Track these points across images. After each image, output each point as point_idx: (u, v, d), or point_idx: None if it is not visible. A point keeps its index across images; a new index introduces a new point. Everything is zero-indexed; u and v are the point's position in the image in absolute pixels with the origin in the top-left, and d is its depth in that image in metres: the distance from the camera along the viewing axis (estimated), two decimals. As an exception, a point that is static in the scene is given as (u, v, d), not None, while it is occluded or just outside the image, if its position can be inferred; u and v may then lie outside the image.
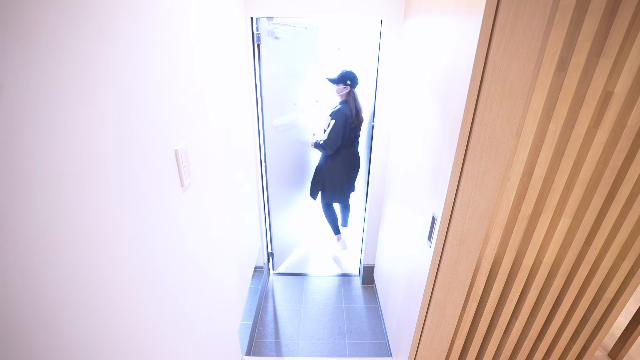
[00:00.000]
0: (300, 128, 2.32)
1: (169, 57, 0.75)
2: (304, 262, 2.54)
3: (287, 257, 2.57)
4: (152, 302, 0.68)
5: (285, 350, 1.81)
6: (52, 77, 0.41)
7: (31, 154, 0.39)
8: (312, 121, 2.48)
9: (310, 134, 2.50)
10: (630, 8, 0.77)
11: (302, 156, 2.46)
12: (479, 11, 0.76)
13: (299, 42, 2.08)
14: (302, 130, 2.37)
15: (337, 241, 2.68)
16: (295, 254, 2.63)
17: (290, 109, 2.12)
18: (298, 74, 2.17)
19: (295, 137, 2.28)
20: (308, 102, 2.34)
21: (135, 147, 0.61)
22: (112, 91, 0.54)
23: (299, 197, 2.57)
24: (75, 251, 0.46)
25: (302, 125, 2.35)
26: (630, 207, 1.01)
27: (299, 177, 2.48)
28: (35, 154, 0.39)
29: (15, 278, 0.37)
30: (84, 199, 0.47)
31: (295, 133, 2.26)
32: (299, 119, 2.27)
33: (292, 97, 2.12)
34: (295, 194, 2.48)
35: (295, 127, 2.25)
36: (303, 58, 2.18)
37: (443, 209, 0.99)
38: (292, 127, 2.19)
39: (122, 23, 0.57)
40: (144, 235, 0.65)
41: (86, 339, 0.49)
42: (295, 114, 2.19)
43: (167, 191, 0.75)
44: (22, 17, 0.37)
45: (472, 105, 0.83)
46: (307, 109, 2.35)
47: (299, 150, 2.38)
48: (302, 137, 2.39)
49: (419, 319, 1.22)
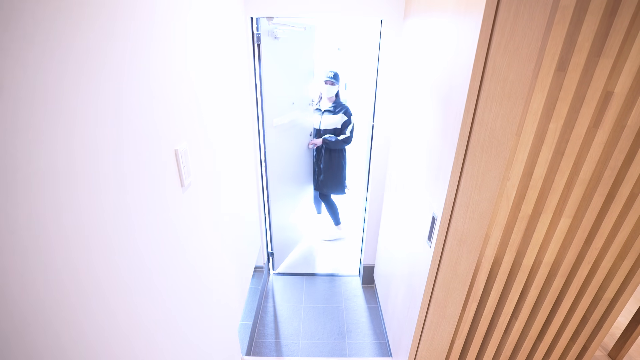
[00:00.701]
0: (299, 128, 2.32)
1: (169, 58, 0.75)
2: (304, 262, 2.54)
3: (287, 257, 2.57)
4: (152, 302, 0.68)
5: (285, 350, 1.81)
6: (53, 76, 0.41)
7: (31, 154, 0.39)
8: (311, 121, 2.49)
9: (308, 134, 2.50)
10: (630, 8, 0.77)
11: (302, 156, 2.46)
12: (479, 11, 0.76)
13: (299, 42, 2.08)
14: (301, 130, 2.37)
15: (339, 230, 2.85)
16: (295, 254, 2.63)
17: (290, 108, 2.12)
18: (298, 74, 2.17)
19: (295, 137, 2.28)
20: (307, 102, 2.36)
21: (136, 147, 0.61)
22: (112, 91, 0.54)
23: (299, 197, 2.57)
24: (75, 251, 0.46)
25: (302, 125, 2.35)
26: (630, 207, 1.01)
27: (298, 177, 2.49)
28: (34, 153, 0.39)
29: (15, 278, 0.37)
30: (84, 198, 0.47)
31: (295, 133, 2.26)
32: (298, 119, 2.27)
33: (291, 97, 2.12)
34: (295, 193, 2.48)
35: (295, 127, 2.25)
36: (303, 58, 2.19)
37: (443, 208, 0.99)
38: (292, 127, 2.19)
39: (120, 22, 0.57)
40: (144, 235, 0.65)
41: (85, 339, 0.49)
42: (295, 113, 2.19)
43: (167, 191, 0.75)
44: (21, 17, 0.37)
45: (472, 105, 0.83)
46: (306, 109, 2.36)
47: (298, 150, 2.38)
48: (301, 137, 2.39)
49: (419, 319, 1.22)
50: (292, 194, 2.42)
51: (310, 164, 2.62)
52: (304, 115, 2.36)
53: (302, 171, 2.53)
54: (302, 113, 2.32)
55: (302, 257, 2.60)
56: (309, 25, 2.11)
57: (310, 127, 2.49)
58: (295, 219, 2.58)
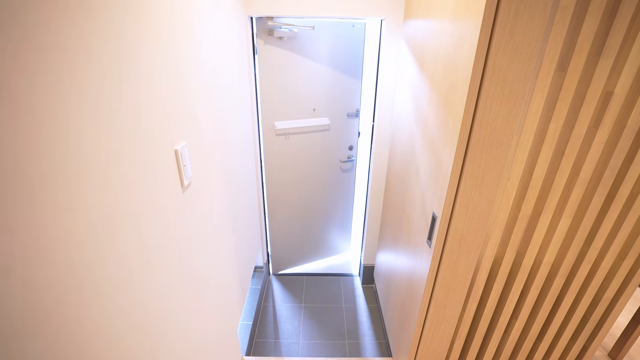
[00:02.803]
0: (319, 136, 2.27)
1: (169, 58, 0.75)
2: (304, 262, 2.54)
3: (287, 257, 2.57)
4: (152, 302, 0.68)
5: (285, 350, 1.81)
6: (54, 75, 0.42)
7: (31, 154, 0.39)
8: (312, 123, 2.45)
9: (309, 135, 2.48)
10: (630, 8, 0.77)
11: (301, 156, 2.45)
12: (479, 11, 0.76)
13: (299, 43, 2.07)
14: (301, 131, 2.36)
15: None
16: (295, 254, 2.63)
17: (290, 110, 2.11)
18: (298, 75, 2.16)
19: (295, 137, 2.27)
20: (342, 110, 2.18)
21: (137, 147, 0.61)
22: (113, 90, 0.54)
23: (299, 197, 2.57)
24: (74, 252, 0.46)
25: (302, 127, 2.34)
26: (630, 207, 1.01)
27: (298, 177, 2.48)
28: (35, 153, 0.39)
29: (14, 278, 0.37)
30: (84, 198, 0.47)
31: (294, 133, 2.25)
32: (299, 121, 2.26)
33: (291, 98, 2.11)
34: (295, 193, 2.48)
35: (311, 135, 2.23)
36: (303, 58, 2.17)
37: (443, 208, 0.99)
38: (291, 127, 2.18)
39: (119, 22, 0.57)
40: (144, 235, 0.65)
41: (85, 339, 0.49)
42: (313, 120, 2.15)
43: (168, 191, 0.75)
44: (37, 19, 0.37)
45: (472, 105, 0.83)
46: (340, 118, 2.20)
47: (297, 151, 2.37)
48: (301, 137, 2.38)
49: (419, 319, 1.22)
50: (292, 194, 2.41)
51: (311, 165, 2.60)
52: (335, 124, 2.17)
53: (303, 171, 2.51)
54: (329, 121, 2.15)
55: (302, 257, 2.60)
56: (311, 25, 2.10)
57: (348, 139, 2.26)
58: (296, 219, 2.57)
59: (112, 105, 0.54)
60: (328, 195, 2.43)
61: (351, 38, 1.93)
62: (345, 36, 1.92)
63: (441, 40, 1.04)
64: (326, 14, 1.56)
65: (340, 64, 1.98)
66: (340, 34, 1.90)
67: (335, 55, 1.94)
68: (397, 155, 1.64)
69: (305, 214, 2.43)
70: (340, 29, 1.88)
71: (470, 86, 0.81)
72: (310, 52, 1.89)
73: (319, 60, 1.92)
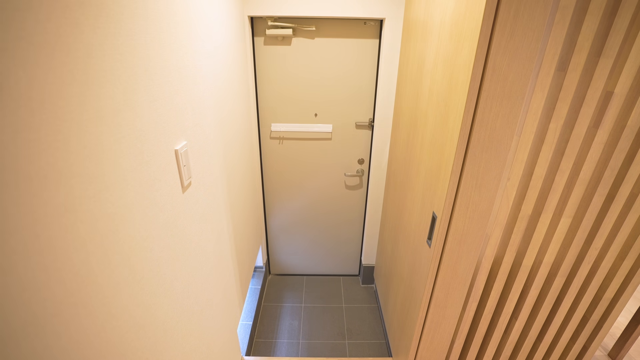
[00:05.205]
0: (320, 144, 2.24)
1: (169, 58, 0.75)
2: (304, 262, 2.54)
3: (287, 257, 2.57)
4: (151, 302, 0.68)
5: (285, 350, 1.81)
6: (54, 75, 0.41)
7: (31, 154, 0.39)
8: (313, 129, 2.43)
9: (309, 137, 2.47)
10: (630, 8, 0.77)
11: (300, 157, 2.45)
12: (479, 11, 0.76)
13: (299, 42, 2.07)
14: (300, 132, 2.35)
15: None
16: (295, 254, 2.63)
17: (290, 112, 2.10)
18: (297, 75, 2.16)
19: (293, 137, 2.27)
20: (348, 118, 2.05)
21: (137, 147, 0.61)
22: (114, 91, 0.54)
23: (299, 197, 2.57)
24: (74, 251, 0.46)
25: (300, 131, 2.33)
26: (630, 207, 1.01)
27: (298, 177, 2.48)
28: (35, 153, 0.39)
29: (13, 278, 0.37)
30: (84, 198, 0.47)
31: (310, 147, 2.23)
32: (297, 125, 2.25)
33: (311, 106, 2.02)
34: (295, 193, 2.48)
35: (294, 129, 2.23)
36: (303, 59, 2.17)
37: (443, 208, 0.99)
38: (291, 127, 2.18)
39: (119, 21, 0.57)
40: (144, 235, 0.65)
41: (84, 339, 0.49)
42: (311, 126, 2.13)
43: (168, 191, 0.75)
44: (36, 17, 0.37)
45: (472, 105, 0.83)
46: (344, 125, 2.08)
47: (296, 152, 2.37)
48: (300, 143, 2.37)
49: (419, 319, 1.22)
50: (292, 194, 2.41)
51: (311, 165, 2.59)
52: (340, 133, 2.05)
53: (302, 172, 2.51)
54: (331, 128, 2.05)
55: (302, 257, 2.60)
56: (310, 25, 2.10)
57: (356, 150, 2.08)
58: (296, 219, 2.57)
59: (112, 106, 0.54)
60: (331, 212, 2.31)
61: (361, 39, 1.78)
62: (354, 36, 1.77)
63: (441, 40, 1.04)
64: (326, 14, 1.56)
65: (348, 68, 1.85)
66: (348, 34, 1.76)
67: (342, 58, 1.82)
68: (397, 155, 1.64)
69: (305, 227, 2.39)
70: (347, 28, 1.72)
71: (470, 86, 0.81)
72: (312, 53, 1.86)
73: (322, 63, 1.87)
